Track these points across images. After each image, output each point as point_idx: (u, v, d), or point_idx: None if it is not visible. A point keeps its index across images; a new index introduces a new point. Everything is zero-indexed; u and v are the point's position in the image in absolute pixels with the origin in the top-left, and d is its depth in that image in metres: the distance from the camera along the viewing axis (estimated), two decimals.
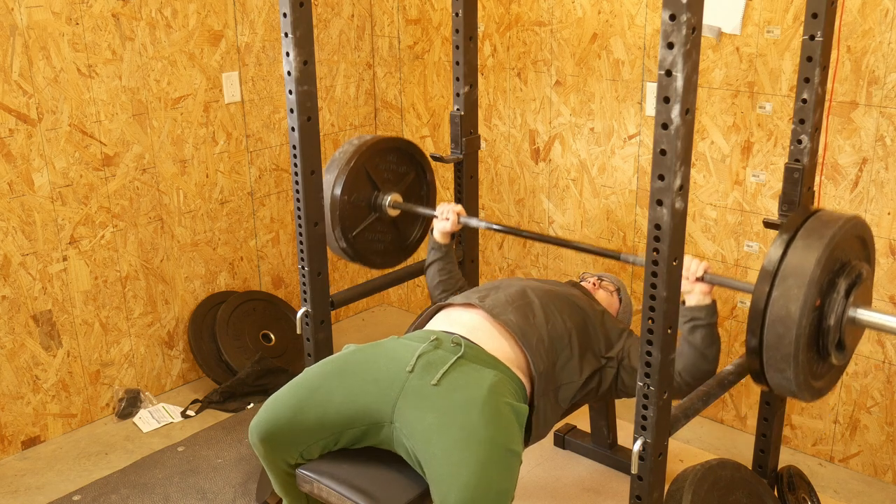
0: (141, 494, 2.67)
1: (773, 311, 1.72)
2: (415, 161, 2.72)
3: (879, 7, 2.38)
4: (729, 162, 2.78)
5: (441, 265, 2.54)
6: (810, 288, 1.70)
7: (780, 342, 1.72)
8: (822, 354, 1.81)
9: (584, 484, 2.71)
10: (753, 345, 1.78)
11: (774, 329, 1.72)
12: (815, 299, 1.73)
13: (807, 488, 2.47)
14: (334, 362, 2.03)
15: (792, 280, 1.71)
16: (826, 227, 1.77)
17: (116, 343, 3.12)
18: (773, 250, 1.77)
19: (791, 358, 1.72)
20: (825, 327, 1.77)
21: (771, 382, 1.82)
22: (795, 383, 1.76)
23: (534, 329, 2.09)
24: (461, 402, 1.85)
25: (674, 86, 1.49)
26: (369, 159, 2.56)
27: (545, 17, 3.09)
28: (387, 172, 2.64)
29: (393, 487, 1.89)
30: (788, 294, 1.71)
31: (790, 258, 1.74)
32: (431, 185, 2.78)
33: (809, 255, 1.72)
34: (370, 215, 2.62)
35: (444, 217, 2.51)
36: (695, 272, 1.97)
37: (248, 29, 3.28)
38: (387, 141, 2.61)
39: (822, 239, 1.74)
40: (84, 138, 2.89)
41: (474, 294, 2.22)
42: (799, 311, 1.69)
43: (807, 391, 1.81)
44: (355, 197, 2.54)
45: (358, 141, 2.57)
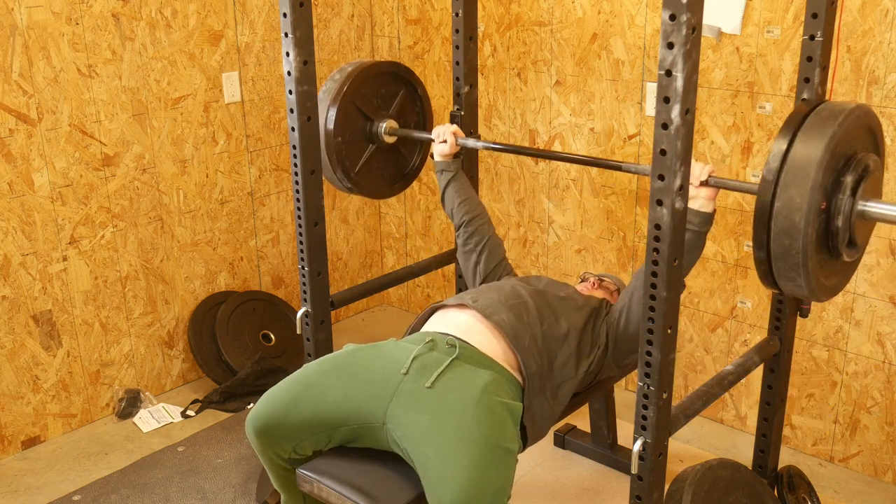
0: (141, 494, 2.67)
1: (777, 224, 1.67)
2: (403, 80, 2.63)
3: (879, 7, 2.38)
4: (729, 162, 2.78)
5: (457, 186, 2.50)
6: (813, 194, 1.63)
7: (786, 253, 1.67)
8: (832, 254, 1.75)
9: (584, 484, 2.71)
10: (761, 257, 1.72)
11: (780, 241, 1.67)
12: (820, 203, 1.66)
13: (807, 488, 2.47)
14: (332, 360, 2.03)
15: (794, 188, 1.64)
16: (827, 124, 1.69)
17: (116, 343, 3.13)
18: (773, 151, 1.70)
19: (800, 267, 1.67)
20: (833, 229, 1.71)
21: (783, 289, 1.77)
22: (808, 288, 1.71)
23: (527, 329, 2.08)
24: (455, 402, 1.85)
25: (674, 86, 1.49)
26: (356, 91, 2.48)
27: (545, 17, 3.09)
28: (376, 99, 2.56)
29: (393, 487, 1.89)
30: (791, 204, 1.64)
31: (791, 160, 1.67)
32: (424, 99, 2.70)
33: (811, 155, 1.65)
34: (368, 147, 2.56)
35: (441, 139, 2.49)
36: (699, 176, 1.93)
37: (248, 29, 3.28)
38: (369, 67, 2.51)
39: (822, 138, 1.66)
40: (84, 138, 2.89)
41: (467, 295, 2.21)
42: (803, 220, 1.63)
43: (820, 292, 1.76)
44: (349, 134, 2.48)
45: (340, 75, 2.48)
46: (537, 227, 3.37)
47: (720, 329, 2.95)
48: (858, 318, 2.64)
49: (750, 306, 2.86)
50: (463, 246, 2.49)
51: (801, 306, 2.23)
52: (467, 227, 2.48)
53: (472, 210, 2.49)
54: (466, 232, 2.48)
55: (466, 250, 2.49)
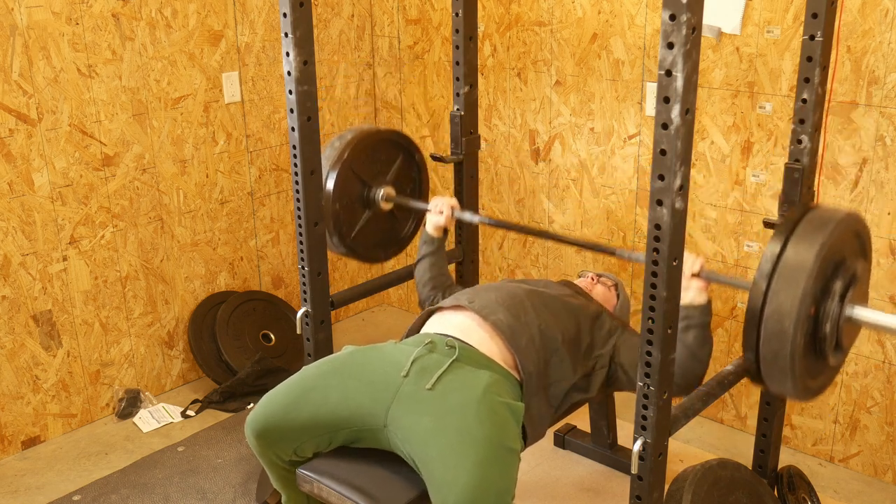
0: (141, 494, 2.67)
1: (768, 328, 1.73)
2: (401, 147, 2.66)
3: (879, 7, 2.38)
4: (729, 162, 2.78)
5: (432, 260, 2.51)
6: (803, 301, 1.69)
7: (775, 357, 1.73)
8: (819, 357, 1.82)
9: (584, 484, 2.71)
10: (750, 359, 1.79)
11: (769, 345, 1.73)
12: (809, 310, 1.72)
13: (807, 488, 2.47)
14: (331, 362, 2.03)
15: (784, 294, 1.70)
16: (818, 231, 1.75)
17: (116, 343, 3.12)
18: (765, 256, 1.76)
19: (788, 371, 1.73)
20: (821, 334, 1.77)
21: (770, 390, 1.84)
22: (794, 391, 1.78)
23: (524, 328, 2.08)
24: (456, 404, 1.85)
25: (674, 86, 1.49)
26: (356, 159, 2.51)
27: (545, 17, 3.09)
28: (375, 165, 2.58)
29: (393, 487, 1.89)
30: (781, 309, 1.70)
31: (783, 266, 1.73)
32: (421, 166, 2.72)
33: (802, 263, 1.71)
34: (364, 213, 2.59)
35: (438, 211, 2.49)
36: (691, 267, 1.95)
37: (248, 29, 3.28)
38: (370, 135, 2.55)
39: (813, 245, 1.73)
40: (84, 138, 2.89)
41: (463, 296, 2.21)
42: (793, 326, 1.69)
43: (805, 393, 1.82)
44: (346, 201, 2.51)
45: (339, 142, 2.52)
46: (537, 227, 3.36)
47: (720, 329, 2.95)
48: None
49: None
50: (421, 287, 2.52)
51: None
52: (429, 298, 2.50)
53: (440, 286, 2.51)
54: (426, 297, 2.51)
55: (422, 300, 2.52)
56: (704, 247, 2.91)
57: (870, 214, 2.54)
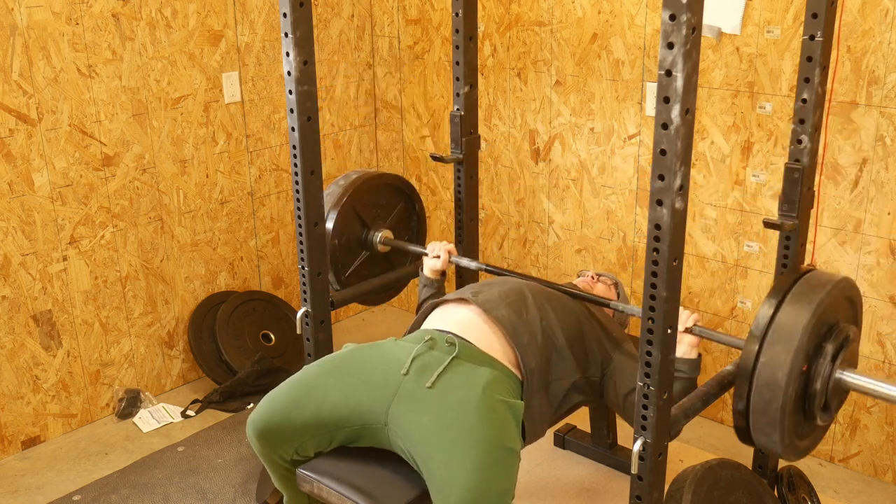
0: (141, 494, 2.67)
1: (761, 377, 1.76)
2: (403, 194, 2.74)
3: (879, 7, 2.38)
4: (729, 162, 2.78)
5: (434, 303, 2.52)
6: (797, 355, 1.73)
7: (766, 407, 1.76)
8: (807, 417, 1.85)
9: (584, 484, 2.71)
10: (741, 408, 1.82)
11: (761, 394, 1.76)
12: (802, 365, 1.76)
13: (807, 488, 2.47)
14: (332, 361, 2.03)
15: (779, 346, 1.74)
16: (815, 292, 1.80)
17: (116, 343, 3.12)
18: (761, 312, 1.80)
19: (777, 423, 1.76)
20: (811, 392, 1.81)
21: (757, 443, 1.86)
22: (781, 446, 1.80)
23: (526, 325, 2.08)
24: (456, 402, 1.85)
25: (674, 86, 1.49)
26: (358, 198, 2.57)
27: (545, 17, 3.09)
28: (376, 208, 2.65)
29: (393, 487, 1.89)
30: (776, 360, 1.74)
31: (778, 322, 1.77)
32: (421, 215, 2.80)
33: (797, 320, 1.76)
34: (361, 253, 2.64)
35: (435, 255, 2.52)
36: (684, 322, 1.99)
37: (248, 29, 3.28)
38: (375, 178, 2.62)
39: (810, 304, 1.77)
40: (84, 138, 2.89)
41: (467, 290, 2.22)
42: (785, 378, 1.73)
43: (791, 452, 1.85)
44: (346, 239, 2.57)
45: (344, 181, 2.58)
46: (537, 227, 3.37)
47: (720, 329, 2.95)
48: None
49: (750, 306, 2.85)
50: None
51: None
52: None
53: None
54: None
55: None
56: (704, 247, 2.91)
57: (870, 214, 2.54)
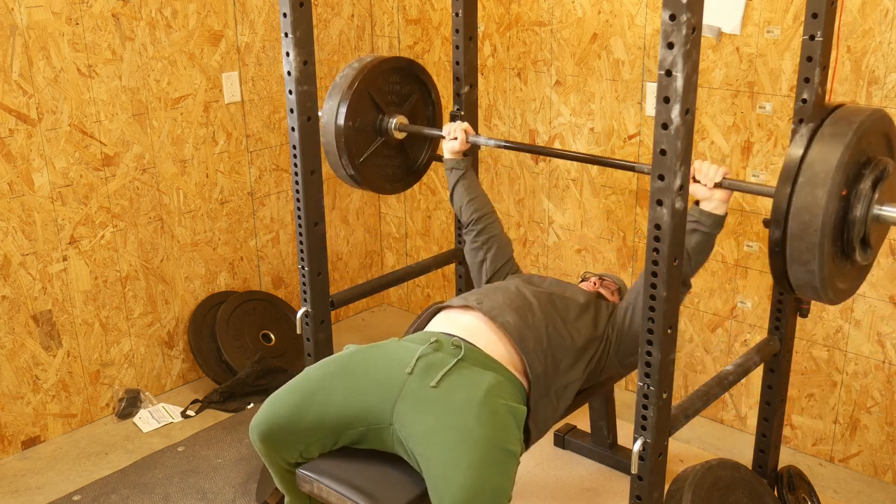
0: (141, 494, 2.67)
1: (799, 198, 1.65)
2: (418, 80, 2.66)
3: (879, 7, 2.38)
4: (729, 162, 2.78)
5: (466, 184, 2.51)
6: (837, 172, 1.62)
7: (805, 230, 1.65)
8: (846, 251, 1.74)
9: (584, 484, 2.71)
10: (777, 236, 1.70)
11: (800, 216, 1.65)
12: (842, 187, 1.65)
13: (807, 488, 2.47)
14: (335, 362, 2.03)
15: (819, 165, 1.63)
16: (854, 115, 1.70)
17: (116, 343, 3.13)
18: (797, 141, 1.69)
19: (816, 247, 1.64)
20: (851, 219, 1.70)
21: (793, 278, 1.73)
22: (819, 277, 1.68)
23: (532, 331, 2.08)
24: (458, 403, 1.85)
25: (674, 86, 1.49)
26: (372, 82, 2.50)
27: (545, 17, 3.09)
28: (390, 94, 2.58)
29: (393, 487, 1.89)
30: (815, 180, 1.63)
31: (816, 147, 1.66)
32: (437, 104, 2.72)
33: (836, 141, 1.65)
34: (376, 139, 2.57)
35: (452, 136, 2.50)
36: (713, 178, 1.91)
37: (248, 29, 3.28)
38: (388, 61, 2.54)
39: (850, 125, 1.67)
40: (84, 138, 2.89)
41: (472, 296, 2.21)
42: (826, 195, 1.62)
43: (830, 288, 1.73)
44: (360, 122, 2.50)
45: (358, 64, 2.50)
46: (537, 227, 3.37)
47: (720, 329, 2.95)
48: (858, 318, 2.64)
49: (750, 306, 2.86)
50: (471, 243, 2.50)
51: (801, 306, 2.23)
52: (475, 224, 2.48)
53: (481, 208, 2.49)
54: (474, 230, 2.48)
55: (474, 247, 2.49)
56: None
57: None
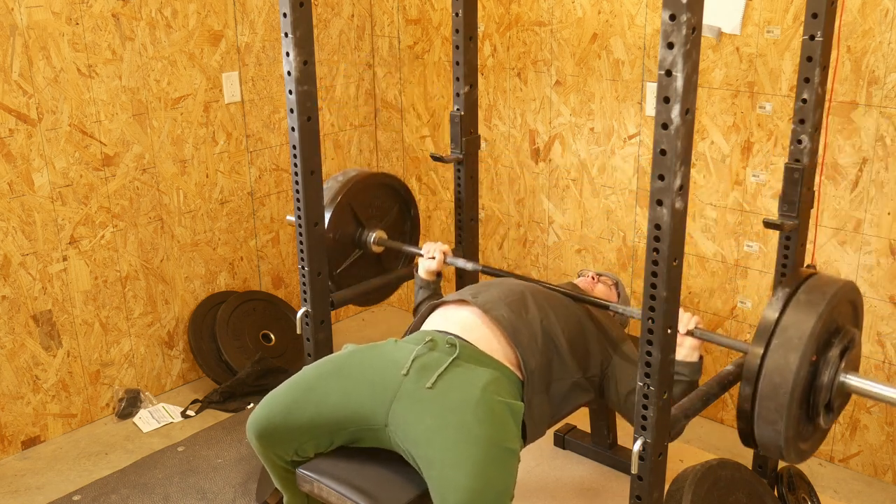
0: (141, 494, 2.67)
1: (772, 360, 1.75)
2: (400, 197, 2.74)
3: (879, 7, 2.38)
4: (729, 162, 2.78)
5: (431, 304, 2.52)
6: (811, 340, 1.73)
7: (775, 392, 1.74)
8: (810, 415, 1.84)
9: (584, 484, 2.71)
10: (747, 393, 1.79)
11: (771, 378, 1.75)
12: (813, 353, 1.76)
13: (807, 488, 2.47)
14: (332, 362, 2.03)
15: (793, 331, 1.74)
16: (827, 286, 1.82)
17: (116, 343, 3.12)
18: (773, 304, 1.80)
19: (785, 408, 1.74)
20: (818, 384, 1.80)
21: (759, 436, 1.83)
22: (784, 437, 1.78)
23: (526, 325, 2.08)
24: (456, 402, 1.85)
25: (674, 86, 1.49)
26: (355, 196, 2.57)
27: (545, 17, 3.09)
28: (371, 209, 2.65)
29: (393, 487, 1.89)
30: (788, 344, 1.74)
31: (791, 312, 1.77)
32: (415, 220, 2.80)
33: (811, 309, 1.76)
34: (354, 252, 2.63)
35: (430, 255, 2.50)
36: (686, 325, 1.98)
37: (248, 29, 3.28)
38: (372, 177, 2.62)
39: (824, 295, 1.78)
40: (84, 138, 2.89)
41: (467, 291, 2.22)
42: (798, 360, 1.72)
43: (793, 449, 1.83)
44: (340, 234, 2.56)
45: (343, 177, 2.58)
46: (537, 227, 3.37)
47: (720, 329, 2.95)
48: None
49: (750, 306, 2.85)
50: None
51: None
52: None
53: None
54: None
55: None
56: (704, 247, 2.91)
57: (870, 214, 2.54)
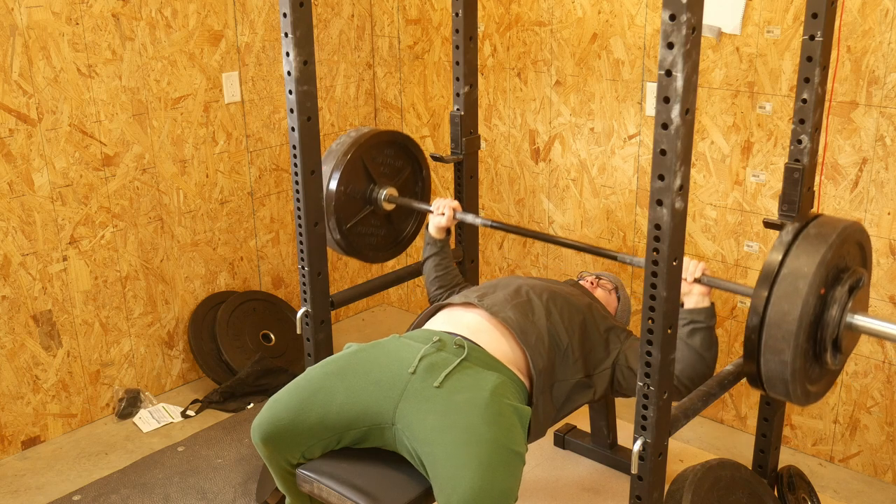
0: (141, 494, 2.67)
1: (781, 287, 1.70)
2: (412, 156, 2.71)
3: (879, 7, 2.38)
4: (729, 162, 2.78)
5: (437, 261, 2.55)
6: (820, 268, 1.68)
7: (783, 318, 1.69)
8: (817, 351, 1.80)
9: (584, 484, 2.71)
10: (755, 323, 1.75)
11: (779, 304, 1.70)
12: (822, 284, 1.71)
13: (807, 488, 2.47)
14: (336, 362, 2.02)
15: (803, 259, 1.70)
16: (837, 222, 1.78)
17: (116, 343, 3.12)
18: (777, 246, 1.76)
19: (792, 336, 1.69)
20: (826, 319, 1.75)
21: (765, 369, 1.77)
22: (790, 369, 1.72)
23: (533, 327, 2.08)
24: (463, 403, 1.85)
25: (674, 86, 1.49)
26: (367, 152, 2.55)
27: (545, 17, 3.09)
28: (383, 166, 2.63)
29: (393, 487, 1.89)
30: (798, 272, 1.69)
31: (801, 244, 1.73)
32: (427, 181, 2.77)
33: (820, 241, 1.72)
34: (365, 208, 2.61)
35: (440, 212, 2.51)
36: (693, 273, 1.97)
37: (248, 29, 3.28)
38: (384, 134, 2.61)
39: (834, 229, 1.74)
40: (84, 138, 2.89)
41: (473, 293, 2.22)
42: (807, 287, 1.67)
43: (799, 385, 1.78)
44: (351, 189, 2.54)
45: (356, 133, 2.56)
46: (537, 227, 3.37)
47: (720, 329, 2.95)
48: None
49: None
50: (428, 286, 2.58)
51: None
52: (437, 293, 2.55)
53: (447, 285, 2.54)
54: (434, 296, 2.56)
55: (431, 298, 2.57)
56: (704, 247, 2.91)
57: (870, 214, 2.54)
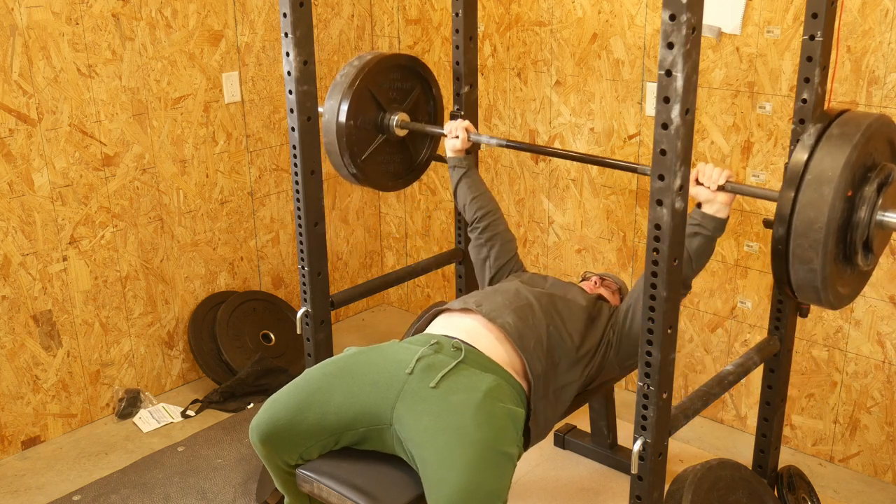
0: (141, 494, 2.67)
1: (806, 195, 1.64)
2: (420, 77, 2.65)
3: (879, 7, 2.38)
4: (729, 162, 2.78)
5: (469, 182, 2.51)
6: (845, 170, 1.62)
7: (809, 227, 1.64)
8: (848, 254, 1.73)
9: (584, 484, 2.71)
10: (781, 233, 1.69)
11: (805, 213, 1.64)
12: (849, 187, 1.65)
13: (807, 488, 2.47)
14: (335, 364, 2.03)
15: (827, 163, 1.63)
16: (862, 118, 1.70)
17: (116, 343, 3.13)
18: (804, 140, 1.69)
19: (820, 244, 1.63)
20: (855, 221, 1.69)
21: (795, 278, 1.72)
22: (821, 276, 1.67)
23: (532, 331, 2.08)
24: (457, 404, 1.85)
25: (674, 86, 1.49)
26: (373, 80, 2.49)
27: (545, 17, 3.09)
28: (391, 91, 2.57)
29: (393, 487, 1.89)
30: (822, 177, 1.63)
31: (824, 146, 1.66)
32: (438, 99, 2.72)
33: (845, 141, 1.64)
34: (378, 137, 2.57)
35: (454, 135, 2.50)
36: (716, 180, 1.91)
37: (248, 29, 3.28)
38: (389, 58, 2.53)
39: (858, 127, 1.67)
40: (84, 138, 2.89)
41: (471, 299, 2.21)
42: (832, 192, 1.61)
43: (831, 290, 1.72)
44: (361, 120, 2.49)
45: (359, 62, 2.49)
46: (537, 227, 3.37)
47: (720, 329, 2.95)
48: (858, 318, 2.64)
49: (750, 306, 2.86)
50: (475, 241, 2.50)
51: (801, 306, 2.23)
52: (479, 222, 2.48)
53: (485, 206, 2.49)
54: (478, 227, 2.48)
55: (477, 244, 2.49)
56: None
57: None
